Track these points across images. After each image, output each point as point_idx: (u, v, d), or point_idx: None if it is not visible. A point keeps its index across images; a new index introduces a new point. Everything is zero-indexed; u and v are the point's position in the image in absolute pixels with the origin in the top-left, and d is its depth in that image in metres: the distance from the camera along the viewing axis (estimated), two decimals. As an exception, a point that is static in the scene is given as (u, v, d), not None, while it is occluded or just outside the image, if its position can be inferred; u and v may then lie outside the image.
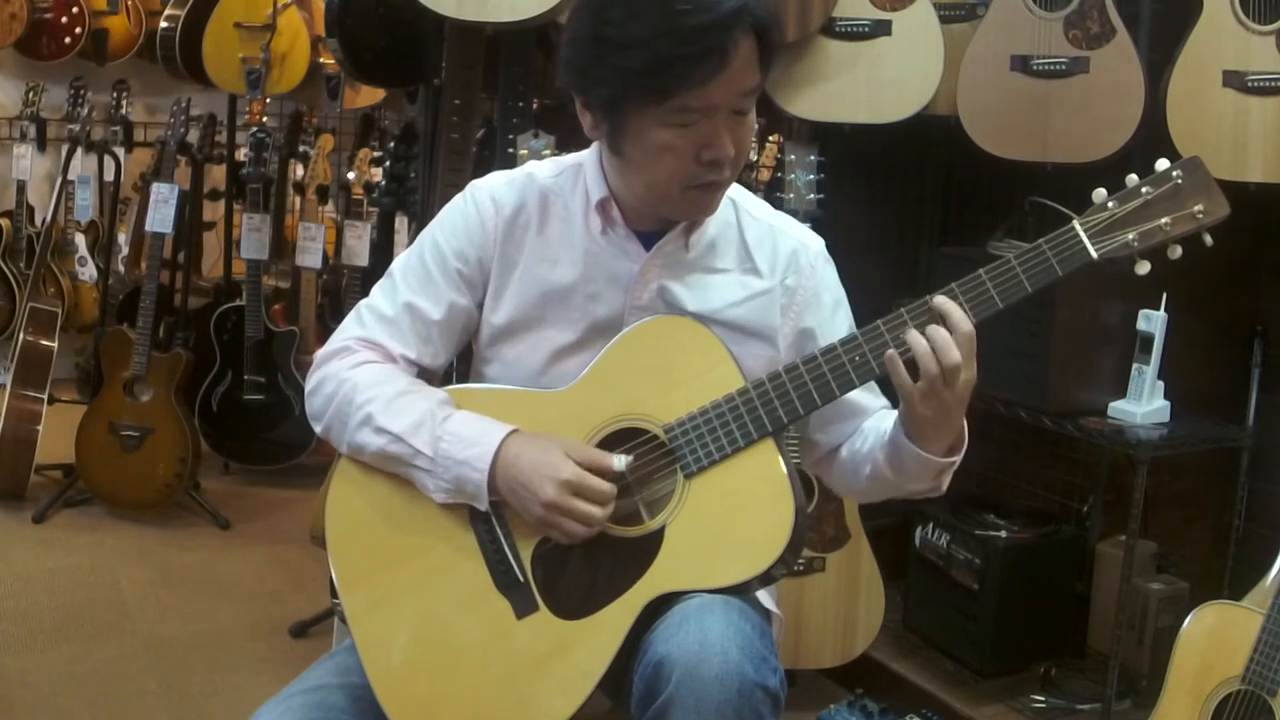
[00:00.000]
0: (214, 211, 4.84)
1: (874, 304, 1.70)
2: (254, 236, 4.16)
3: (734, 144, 1.49)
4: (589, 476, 1.47)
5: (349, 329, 1.66)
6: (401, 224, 3.98)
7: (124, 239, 5.05)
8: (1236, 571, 2.75)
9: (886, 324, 1.49)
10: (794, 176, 2.72)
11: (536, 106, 3.05)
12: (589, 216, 1.62)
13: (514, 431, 1.53)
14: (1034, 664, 2.79)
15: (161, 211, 3.96)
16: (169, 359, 3.88)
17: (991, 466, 3.12)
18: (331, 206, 4.52)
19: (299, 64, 4.28)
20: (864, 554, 2.73)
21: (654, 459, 1.52)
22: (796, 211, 2.65)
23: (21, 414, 3.98)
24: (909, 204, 3.33)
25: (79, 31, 5.03)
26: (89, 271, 5.23)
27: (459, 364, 1.80)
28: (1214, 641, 2.11)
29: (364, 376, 1.60)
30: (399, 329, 1.64)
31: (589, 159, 1.63)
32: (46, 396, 4.06)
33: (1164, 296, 2.52)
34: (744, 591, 1.46)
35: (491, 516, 1.54)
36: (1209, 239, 1.47)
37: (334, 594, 1.85)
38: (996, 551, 2.68)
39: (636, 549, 1.48)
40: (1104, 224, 1.46)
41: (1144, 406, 2.55)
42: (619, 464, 1.49)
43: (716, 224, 1.63)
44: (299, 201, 4.51)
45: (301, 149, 4.46)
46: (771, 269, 1.65)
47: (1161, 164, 1.48)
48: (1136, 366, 2.56)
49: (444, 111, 2.93)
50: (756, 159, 3.56)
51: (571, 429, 1.54)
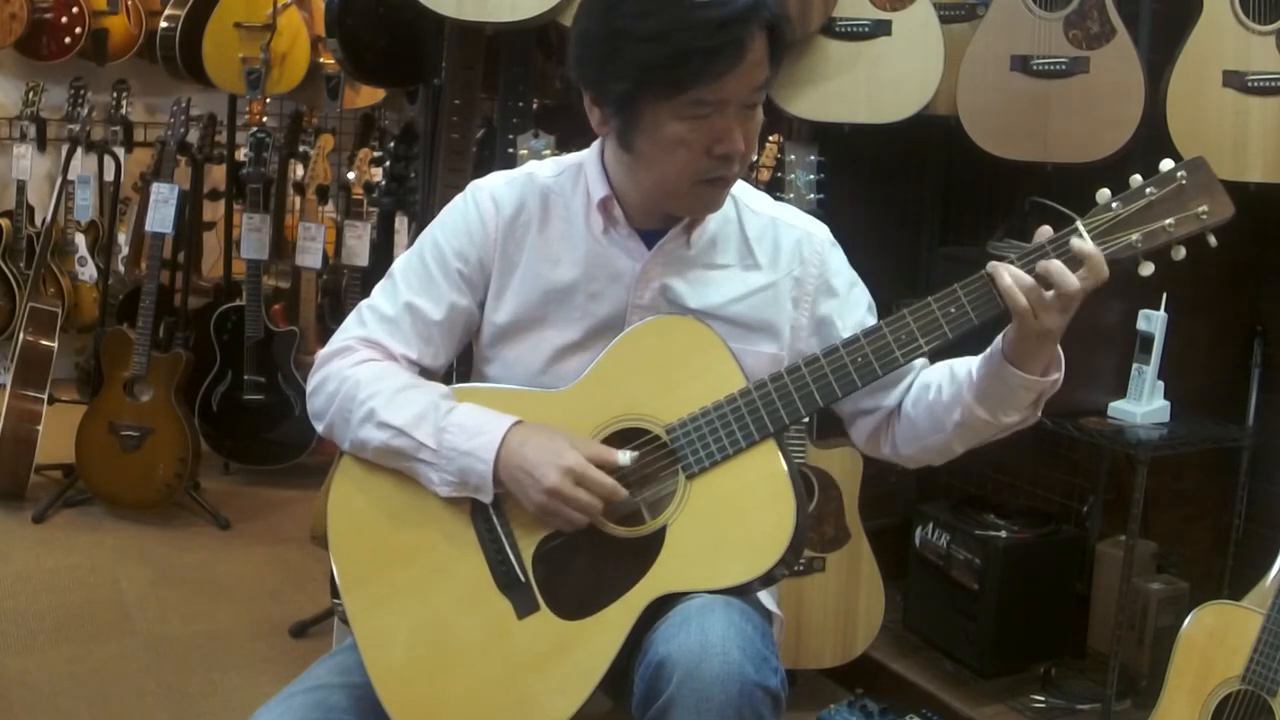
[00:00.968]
0: (214, 211, 4.84)
1: (874, 303, 1.70)
2: (254, 236, 4.16)
3: (744, 138, 1.50)
4: (591, 467, 1.48)
5: (350, 329, 1.66)
6: (401, 224, 3.98)
7: (124, 239, 5.05)
8: (1236, 571, 2.75)
9: (889, 324, 1.49)
10: (794, 176, 2.72)
11: (536, 106, 3.06)
12: (590, 215, 1.62)
13: (518, 422, 1.53)
14: (1034, 664, 2.79)
15: (161, 211, 3.96)
16: (169, 359, 3.88)
17: (991, 466, 3.13)
18: (331, 206, 4.52)
19: (299, 64, 4.28)
20: (864, 554, 2.73)
21: (655, 459, 1.52)
22: (796, 211, 2.66)
23: (21, 414, 3.98)
24: (909, 204, 3.33)
25: (79, 31, 5.02)
26: (89, 271, 5.22)
27: (459, 364, 1.81)
28: (1214, 641, 2.11)
29: (366, 374, 1.61)
30: (400, 329, 1.64)
31: (589, 158, 1.64)
32: (46, 396, 4.06)
33: (1164, 296, 2.52)
34: (745, 592, 1.47)
35: (493, 515, 1.54)
36: (1213, 240, 1.47)
37: (334, 594, 1.85)
38: (996, 551, 2.68)
39: (638, 549, 1.48)
40: (1108, 224, 1.46)
41: (1144, 406, 2.55)
42: (625, 459, 1.50)
43: (717, 220, 1.63)
44: (299, 201, 4.50)
45: (301, 149, 4.45)
46: (773, 262, 1.65)
47: (1166, 164, 1.48)
48: (1136, 366, 2.56)
49: (444, 111, 2.93)
50: (757, 159, 3.55)
51: (573, 429, 1.54)
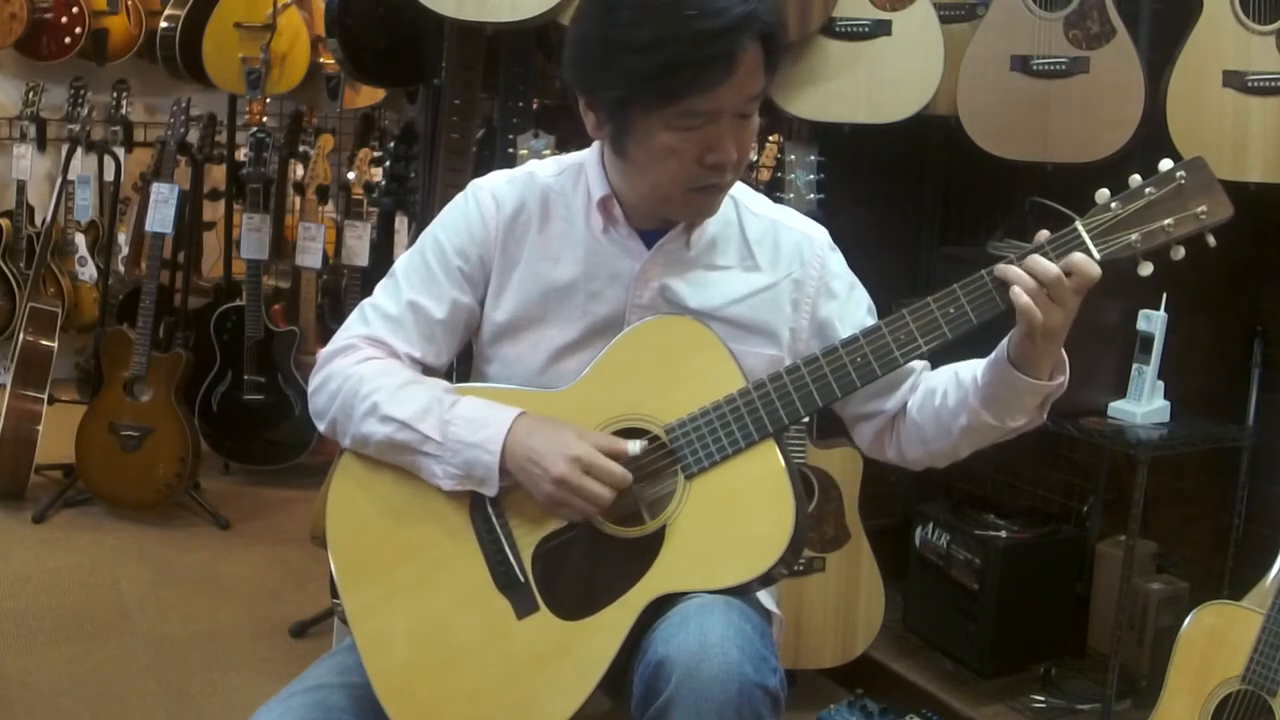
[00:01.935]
0: (214, 211, 4.84)
1: (874, 304, 1.70)
2: (254, 236, 4.16)
3: (737, 148, 1.50)
4: (600, 456, 1.47)
5: (353, 327, 1.66)
6: (401, 224, 3.98)
7: (124, 239, 5.05)
8: (1236, 571, 2.75)
9: (889, 325, 1.49)
10: (794, 176, 2.72)
11: (536, 106, 3.05)
12: (590, 215, 1.62)
13: (523, 413, 1.53)
14: (1034, 664, 2.79)
15: (161, 211, 3.96)
16: (169, 359, 3.88)
17: (991, 466, 3.13)
18: (331, 206, 4.52)
19: (299, 64, 4.28)
20: (864, 554, 2.73)
21: (655, 459, 1.52)
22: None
23: (21, 414, 3.98)
24: (909, 204, 3.33)
25: (79, 31, 5.03)
26: (89, 271, 5.23)
27: (458, 364, 1.81)
28: (1214, 641, 2.10)
29: (369, 370, 1.61)
30: (403, 327, 1.64)
31: (590, 158, 1.64)
32: (46, 396, 4.06)
33: (1164, 296, 2.52)
34: (745, 592, 1.46)
35: (492, 515, 1.54)
36: (1212, 240, 1.46)
37: (334, 594, 1.85)
38: (996, 551, 2.68)
39: (637, 549, 1.48)
40: (1107, 225, 1.45)
41: (1144, 406, 2.55)
42: (635, 448, 1.49)
43: (717, 222, 1.63)
44: (299, 201, 4.50)
45: (301, 149, 4.45)
46: (773, 264, 1.65)
47: (1165, 164, 1.47)
48: (1136, 366, 2.56)
49: (444, 111, 2.93)
50: (756, 159, 3.56)
51: (573, 428, 1.54)
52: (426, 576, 1.54)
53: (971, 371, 1.57)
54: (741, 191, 1.67)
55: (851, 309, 1.66)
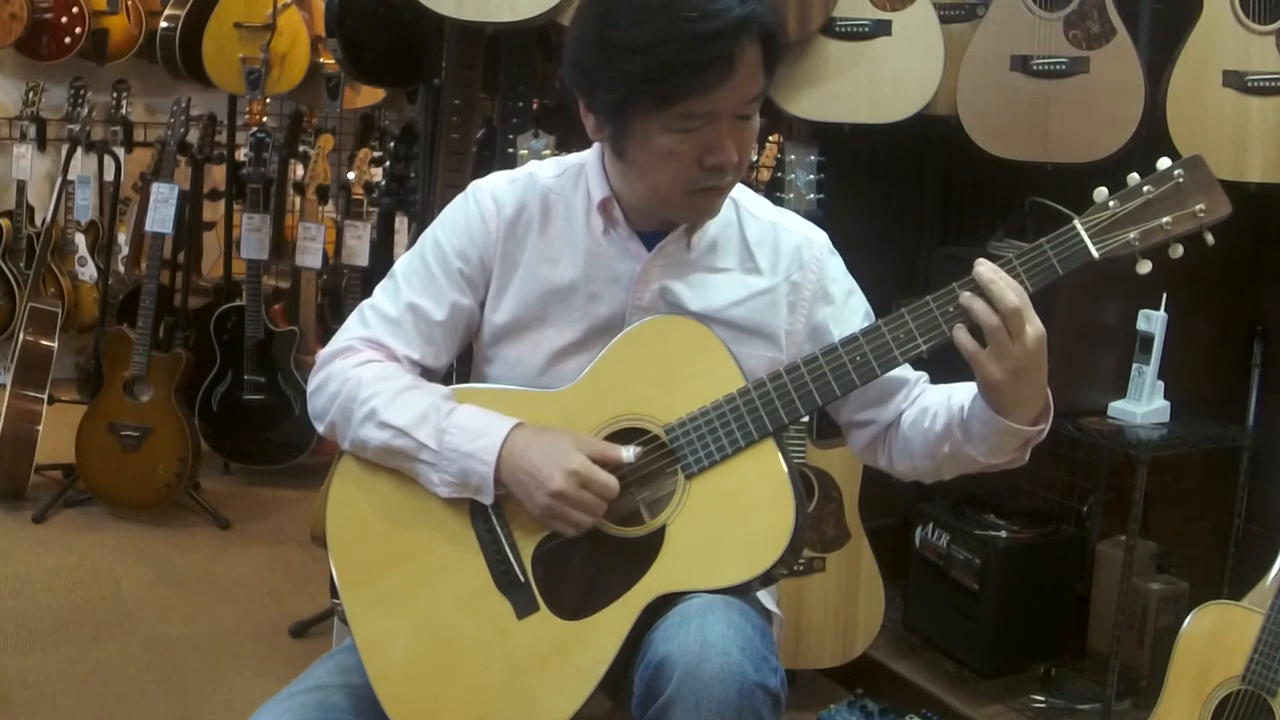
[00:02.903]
0: (214, 211, 4.84)
1: (874, 304, 1.70)
2: (254, 236, 4.16)
3: (737, 149, 1.50)
4: (596, 469, 1.47)
5: (352, 329, 1.66)
6: (401, 224, 3.98)
7: (124, 239, 5.05)
8: (1236, 571, 2.75)
9: (888, 324, 1.49)
10: (794, 176, 2.72)
11: (536, 106, 3.05)
12: (591, 216, 1.62)
13: (519, 424, 1.53)
14: (1034, 664, 2.79)
15: (161, 211, 3.96)
16: (169, 359, 3.88)
17: (991, 466, 3.12)
18: (331, 206, 4.52)
19: (299, 64, 4.28)
20: (864, 554, 2.73)
21: (655, 459, 1.52)
22: (796, 212, 2.65)
23: (21, 414, 3.98)
24: (909, 204, 3.33)
25: (79, 31, 5.03)
26: (89, 271, 5.23)
27: (459, 364, 1.81)
28: (1214, 641, 2.11)
29: (368, 374, 1.61)
30: (402, 329, 1.64)
31: (591, 159, 1.63)
32: (46, 396, 4.06)
33: (1164, 296, 2.52)
34: (745, 592, 1.47)
35: (492, 515, 1.54)
36: (1210, 238, 1.47)
37: (334, 594, 1.85)
38: (996, 551, 2.68)
39: (637, 549, 1.48)
40: (1105, 223, 1.46)
41: (1144, 406, 2.55)
42: (629, 454, 1.49)
43: (718, 223, 1.63)
44: (299, 201, 4.50)
45: (301, 149, 4.45)
46: (773, 267, 1.65)
47: (1163, 163, 1.48)
48: (1136, 366, 2.56)
49: (444, 111, 2.93)
50: (756, 159, 3.56)
51: (573, 429, 1.53)
52: (427, 577, 1.54)
53: (961, 399, 1.55)
54: (741, 194, 1.67)
55: (848, 315, 1.66)
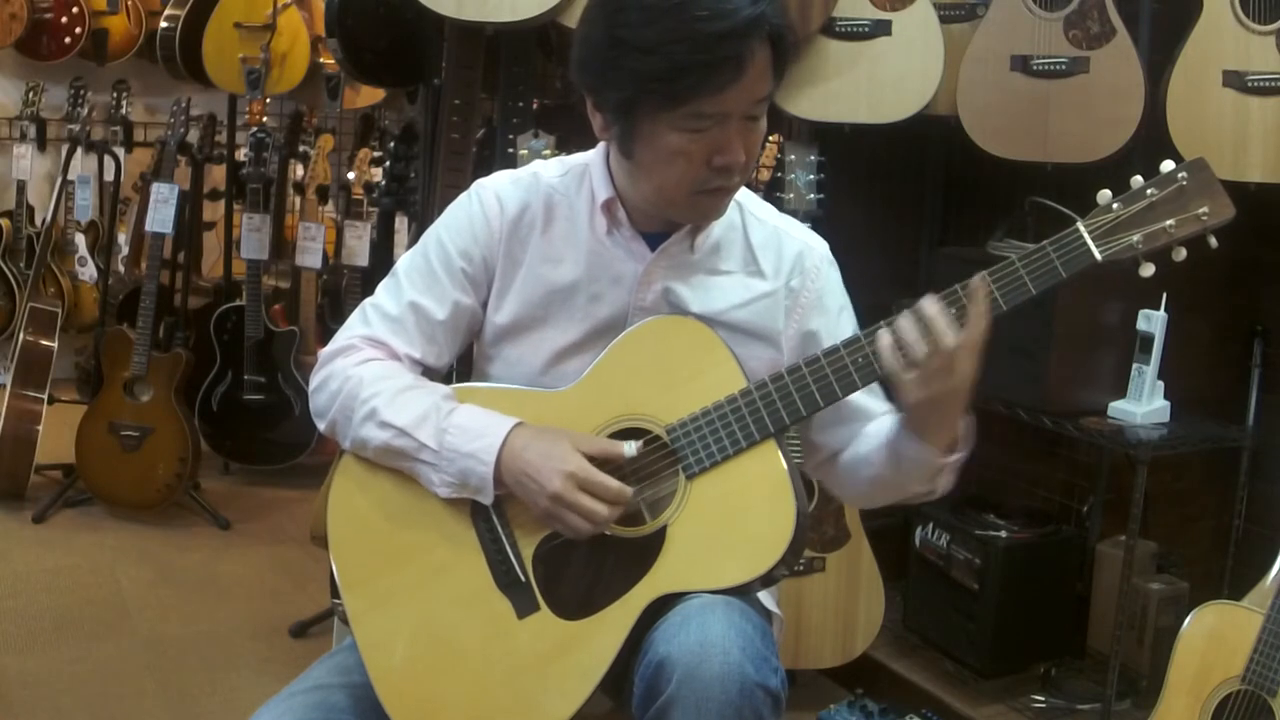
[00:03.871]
0: (214, 211, 4.84)
1: (874, 304, 1.70)
2: (254, 236, 4.16)
3: (745, 150, 1.50)
4: (596, 472, 1.47)
5: (354, 327, 1.66)
6: (401, 224, 3.98)
7: (124, 239, 5.05)
8: (1236, 571, 2.75)
9: (889, 324, 1.49)
10: (794, 176, 2.72)
11: (536, 106, 3.05)
12: (594, 217, 1.62)
13: (520, 424, 1.53)
14: (1034, 664, 2.79)
15: (161, 211, 3.96)
16: (169, 359, 3.88)
17: (991, 466, 3.12)
18: (331, 206, 4.52)
19: (299, 64, 4.28)
20: (864, 554, 2.73)
21: (656, 459, 1.52)
22: (796, 212, 2.66)
23: (21, 414, 3.98)
24: (909, 204, 3.33)
25: (79, 31, 5.03)
26: (89, 271, 5.23)
27: (459, 364, 1.80)
28: (1214, 641, 2.11)
29: (369, 373, 1.60)
30: (404, 328, 1.64)
31: (595, 159, 1.63)
32: (46, 396, 4.06)
33: (1164, 296, 2.52)
34: (745, 592, 1.46)
35: (493, 515, 1.54)
36: (1213, 241, 1.46)
37: (334, 593, 1.85)
38: (996, 551, 2.68)
39: (638, 549, 1.48)
40: (1108, 225, 1.45)
41: (1144, 406, 2.55)
42: (630, 450, 1.49)
43: (721, 226, 1.63)
44: (299, 201, 4.50)
45: (301, 149, 4.45)
46: (776, 271, 1.64)
47: (1166, 165, 1.47)
48: (1136, 366, 2.56)
49: (444, 111, 2.93)
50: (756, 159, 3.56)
51: (573, 429, 1.53)
52: (427, 576, 1.54)
53: (891, 423, 1.56)
54: (746, 197, 1.67)
55: (840, 330, 1.65)
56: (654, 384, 1.53)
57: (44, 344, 4.14)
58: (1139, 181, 1.47)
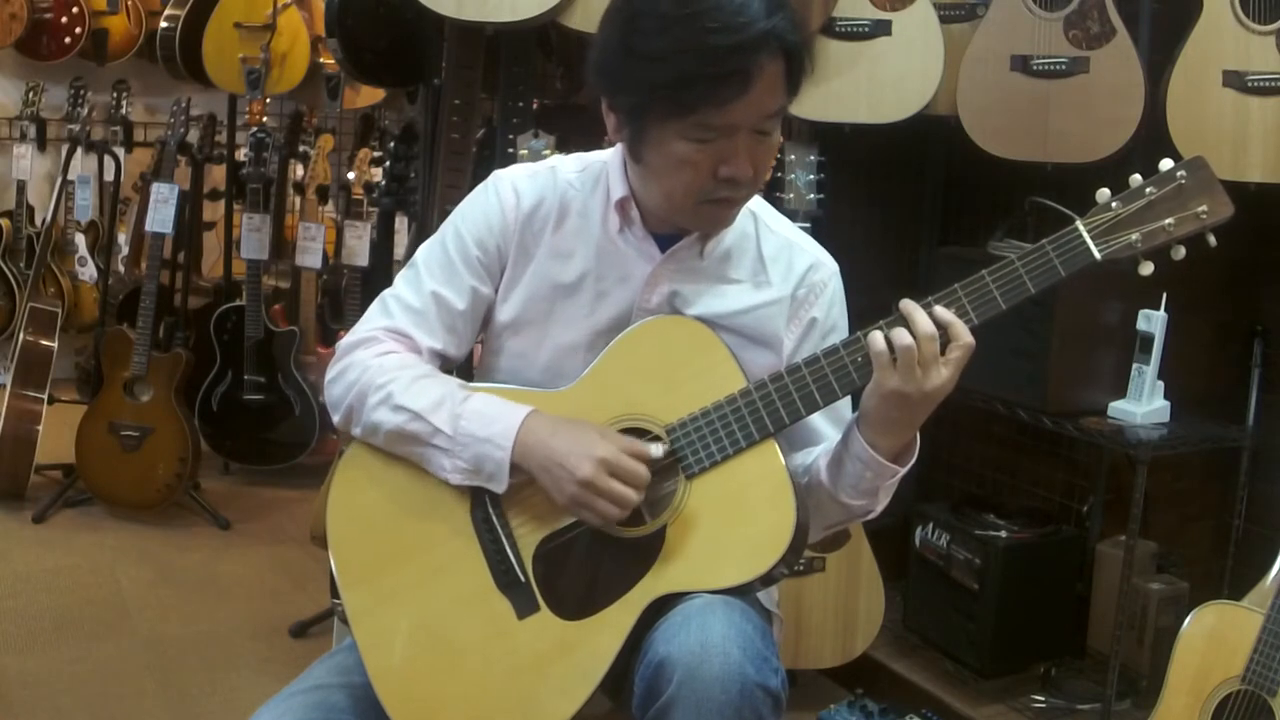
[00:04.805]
0: (214, 211, 4.84)
1: (874, 304, 1.70)
2: (254, 236, 4.16)
3: (753, 164, 1.49)
4: (625, 457, 1.46)
5: (374, 319, 1.66)
6: (401, 224, 3.98)
7: (124, 239, 5.05)
8: (1236, 571, 2.75)
9: (889, 324, 1.49)
10: (794, 176, 2.72)
11: (536, 106, 3.05)
12: (608, 214, 1.62)
13: (534, 410, 1.53)
14: (1034, 664, 2.79)
15: (161, 211, 3.96)
16: (169, 359, 3.88)
17: (991, 466, 3.13)
18: (331, 206, 4.52)
19: (299, 64, 4.28)
20: (864, 554, 2.73)
21: (656, 460, 1.51)
22: (796, 212, 2.66)
23: (21, 414, 3.98)
24: (909, 204, 3.33)
25: (79, 31, 5.03)
26: (89, 271, 5.23)
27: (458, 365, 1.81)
28: (1214, 641, 2.11)
29: (389, 362, 1.61)
30: (426, 319, 1.64)
31: (613, 158, 1.63)
32: (46, 396, 4.06)
33: (1164, 296, 2.52)
34: (746, 592, 1.46)
35: (492, 514, 1.54)
36: (1213, 239, 1.46)
37: (334, 593, 1.85)
38: (996, 551, 2.68)
39: (638, 549, 1.48)
40: (1107, 224, 1.45)
41: (1144, 406, 2.55)
42: (657, 450, 1.49)
43: (734, 234, 1.63)
44: (299, 201, 4.51)
45: (301, 149, 4.45)
46: (784, 280, 1.64)
47: (1165, 164, 1.47)
48: (1136, 366, 2.56)
49: (444, 111, 2.93)
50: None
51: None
52: (427, 576, 1.54)
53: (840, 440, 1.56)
54: (761, 207, 1.67)
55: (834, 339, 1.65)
56: (654, 384, 1.53)
57: (44, 344, 4.14)
58: (1138, 180, 1.47)
